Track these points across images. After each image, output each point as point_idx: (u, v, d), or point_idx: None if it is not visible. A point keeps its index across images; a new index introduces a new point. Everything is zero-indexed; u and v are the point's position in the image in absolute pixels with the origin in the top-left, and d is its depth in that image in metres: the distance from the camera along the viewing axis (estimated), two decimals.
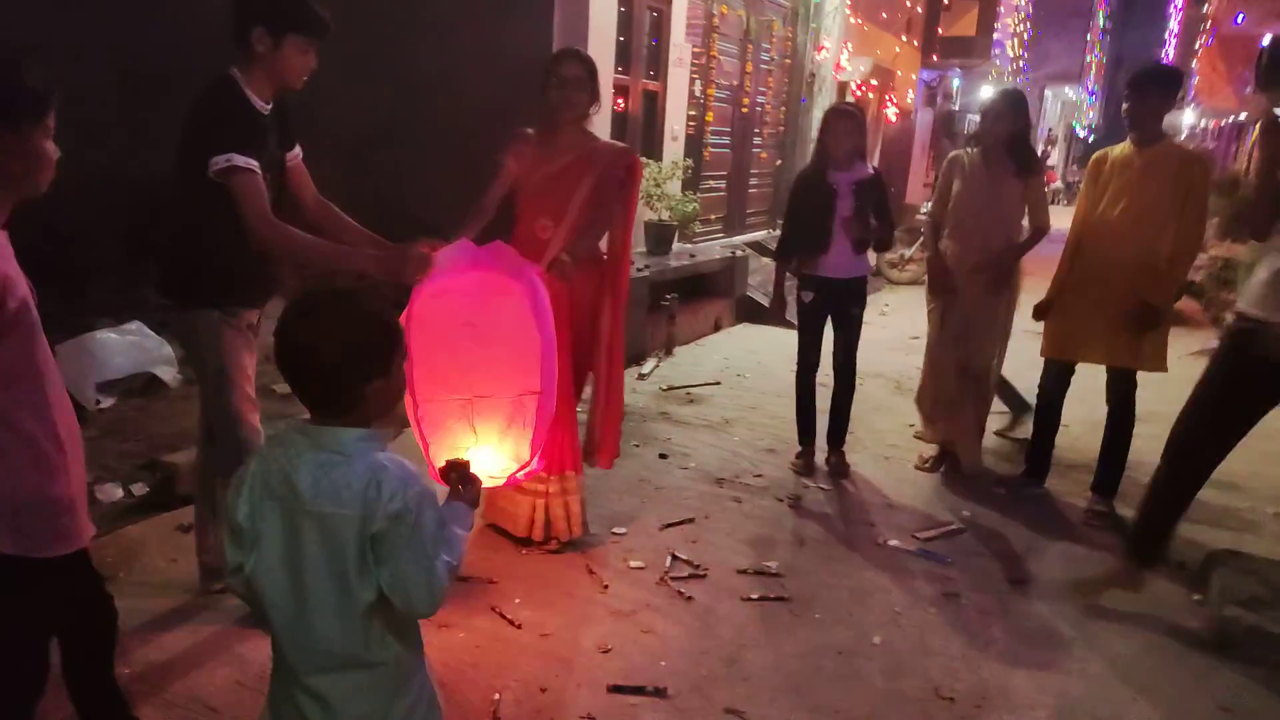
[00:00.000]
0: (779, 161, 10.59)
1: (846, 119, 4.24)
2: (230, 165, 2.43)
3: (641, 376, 6.08)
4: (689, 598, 3.16)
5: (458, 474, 1.75)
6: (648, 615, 3.04)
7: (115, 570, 3.13)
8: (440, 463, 2.72)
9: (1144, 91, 3.73)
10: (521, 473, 2.75)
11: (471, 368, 2.57)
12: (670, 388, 5.86)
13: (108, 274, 5.81)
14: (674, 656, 2.81)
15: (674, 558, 3.45)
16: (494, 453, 2.68)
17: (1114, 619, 3.22)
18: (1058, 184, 25.84)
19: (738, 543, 3.63)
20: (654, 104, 7.66)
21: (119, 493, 3.76)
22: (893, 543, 3.73)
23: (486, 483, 2.80)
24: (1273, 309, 3.05)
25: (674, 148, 7.81)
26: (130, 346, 4.90)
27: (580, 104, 3.24)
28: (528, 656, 2.77)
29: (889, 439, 5.04)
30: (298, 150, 2.86)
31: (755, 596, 3.20)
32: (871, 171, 4.32)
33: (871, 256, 4.72)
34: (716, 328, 7.70)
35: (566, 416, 3.33)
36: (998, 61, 16.63)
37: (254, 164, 2.47)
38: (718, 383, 6.05)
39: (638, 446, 4.72)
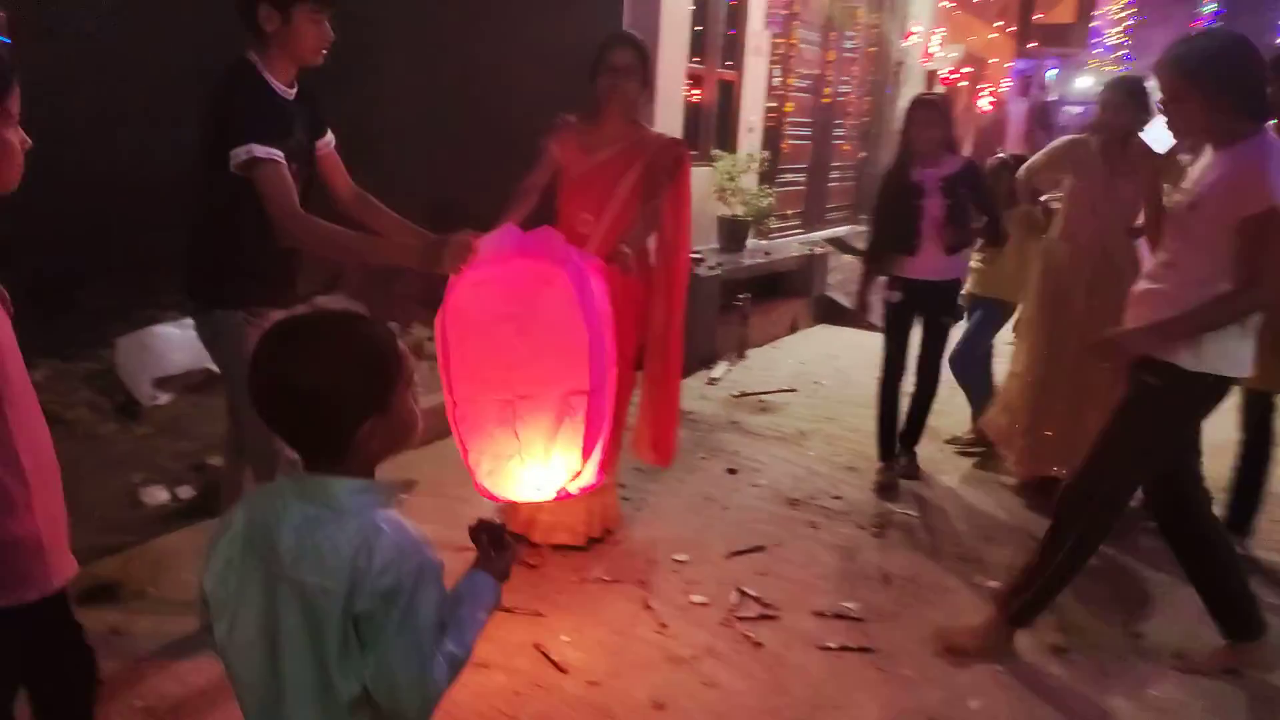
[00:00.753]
0: (863, 154, 10.11)
1: (928, 109, 3.91)
2: (251, 157, 2.23)
3: (711, 381, 5.73)
4: (758, 643, 2.81)
5: (489, 536, 1.44)
6: (710, 664, 2.69)
7: (142, 584, 2.95)
8: (481, 474, 2.47)
9: None
10: (574, 485, 2.44)
11: (513, 365, 2.28)
12: (742, 394, 5.49)
13: (177, 266, 5.77)
14: (739, 716, 2.47)
15: (741, 593, 3.09)
16: (541, 462, 2.37)
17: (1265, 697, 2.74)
18: None
19: (814, 577, 3.26)
20: (730, 94, 7.28)
21: (164, 495, 3.60)
22: (992, 584, 3.29)
23: (534, 497, 2.51)
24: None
25: (750, 139, 7.43)
26: (190, 342, 4.74)
27: (630, 92, 3.03)
28: (571, 709, 2.45)
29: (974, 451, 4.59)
30: (329, 138, 2.63)
31: (834, 645, 2.82)
32: (962, 164, 3.94)
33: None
34: (793, 329, 7.30)
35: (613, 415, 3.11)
36: (1097, 50, 15.74)
37: (276, 154, 2.26)
38: (793, 390, 5.65)
39: (704, 459, 4.38)
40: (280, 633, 1.21)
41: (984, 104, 12.54)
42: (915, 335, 4.11)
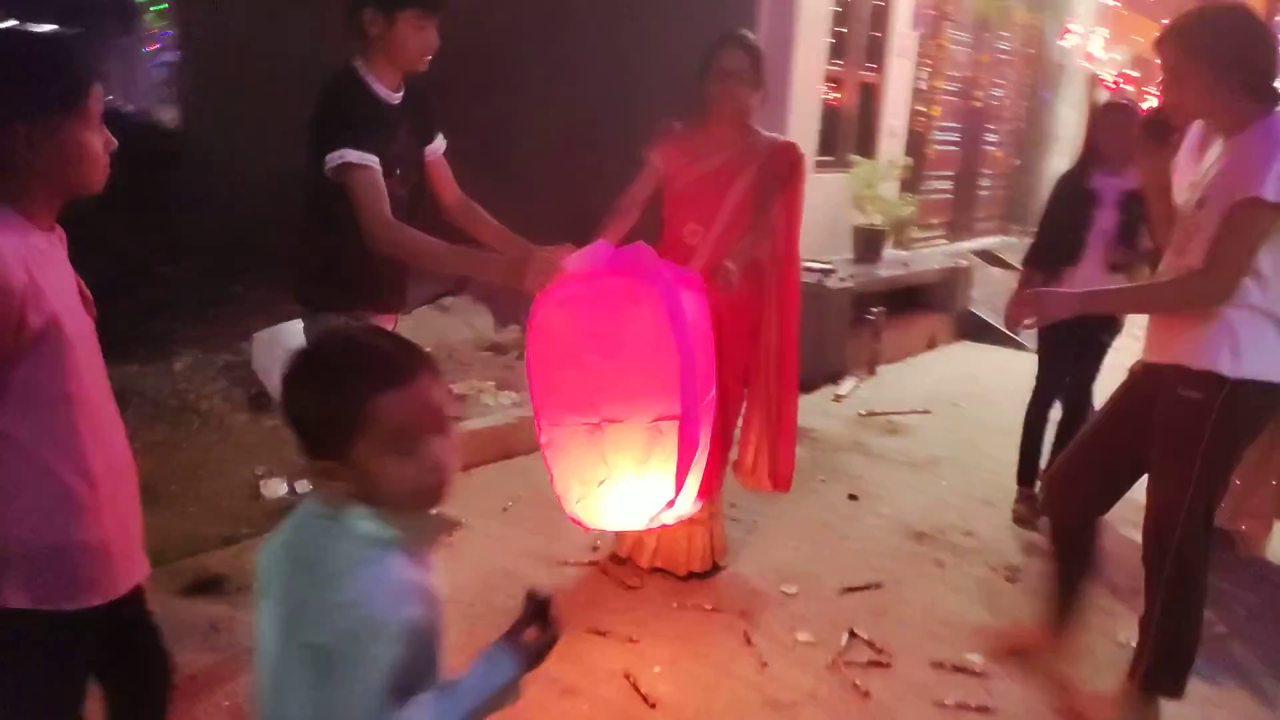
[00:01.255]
0: (1017, 162, 9.54)
1: (1120, 114, 3.66)
2: (344, 162, 2.20)
3: (837, 398, 5.46)
4: (865, 693, 2.58)
5: (533, 610, 1.27)
6: (810, 711, 2.49)
7: (249, 579, 2.97)
8: (570, 500, 2.36)
9: None
10: (670, 514, 2.28)
11: (600, 387, 2.15)
12: (870, 413, 5.20)
13: None
14: None
15: (852, 635, 2.86)
16: (631, 489, 2.23)
17: None
18: None
19: (935, 623, 2.99)
20: (870, 97, 6.97)
21: (283, 489, 3.67)
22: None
23: (626, 526, 2.38)
24: None
25: (892, 145, 7.09)
26: None
27: (741, 97, 2.83)
28: None
29: (1138, 497, 4.16)
30: (439, 143, 2.58)
31: (950, 703, 2.57)
32: None
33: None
34: (930, 346, 6.91)
35: (712, 441, 2.91)
36: None
37: (370, 159, 2.22)
38: (927, 411, 5.32)
39: (823, 481, 4.15)
40: (266, 651, 1.18)
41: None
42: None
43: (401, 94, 2.39)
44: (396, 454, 1.14)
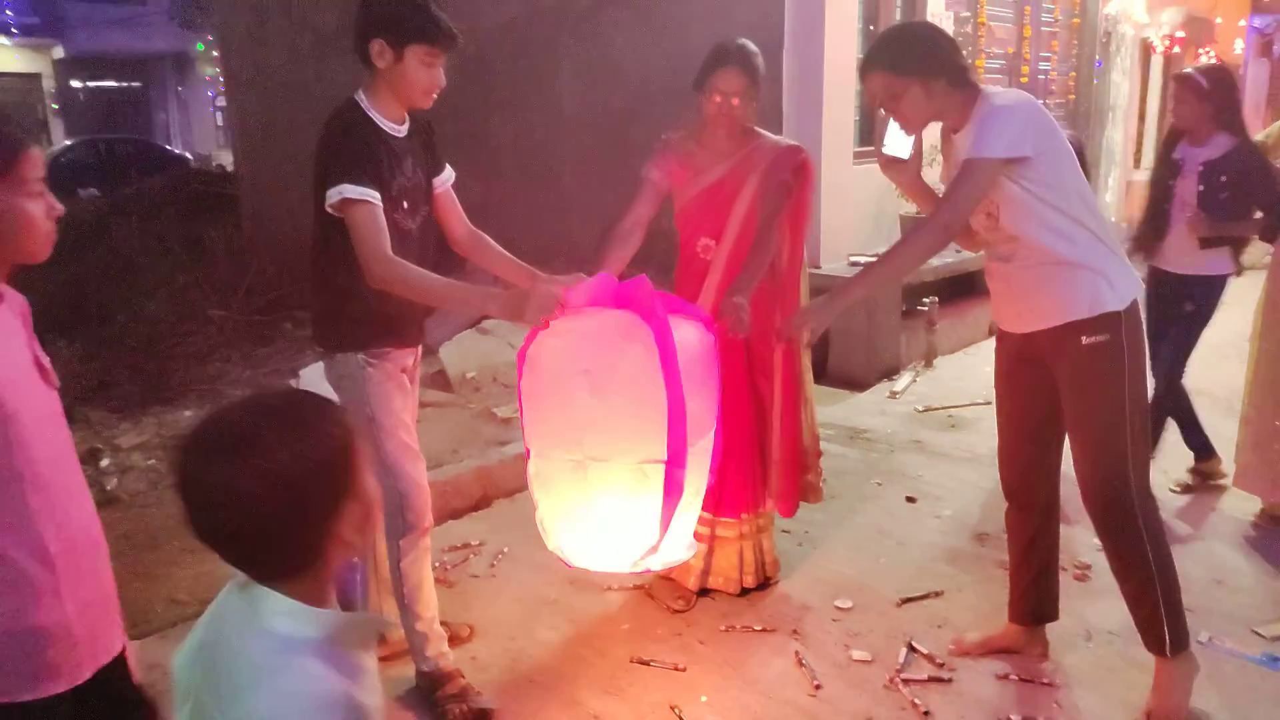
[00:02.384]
0: (1069, 134, 9.17)
1: (1181, 84, 3.66)
2: (342, 198, 2.17)
3: (893, 395, 5.29)
4: (926, 712, 2.45)
5: None
6: None
7: None
8: (553, 536, 2.25)
9: None
10: (654, 560, 2.20)
11: (586, 425, 2.07)
12: (927, 409, 5.02)
13: None
14: None
15: (910, 649, 2.73)
16: (615, 531, 2.15)
17: None
18: None
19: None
20: None
21: None
22: (1220, 642, 2.76)
23: (608, 569, 2.29)
24: None
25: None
26: None
27: (738, 113, 2.71)
28: None
29: (1217, 483, 3.93)
30: (447, 175, 2.55)
31: (1018, 718, 2.42)
32: (1230, 146, 3.57)
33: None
34: (991, 333, 6.65)
35: (747, 451, 2.90)
36: None
37: (369, 194, 2.19)
38: (988, 403, 5.06)
39: (879, 485, 4.00)
40: None
41: None
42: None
43: (406, 126, 2.36)
44: (354, 499, 1.07)
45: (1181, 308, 3.67)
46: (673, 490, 2.07)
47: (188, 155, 19.19)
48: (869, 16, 6.22)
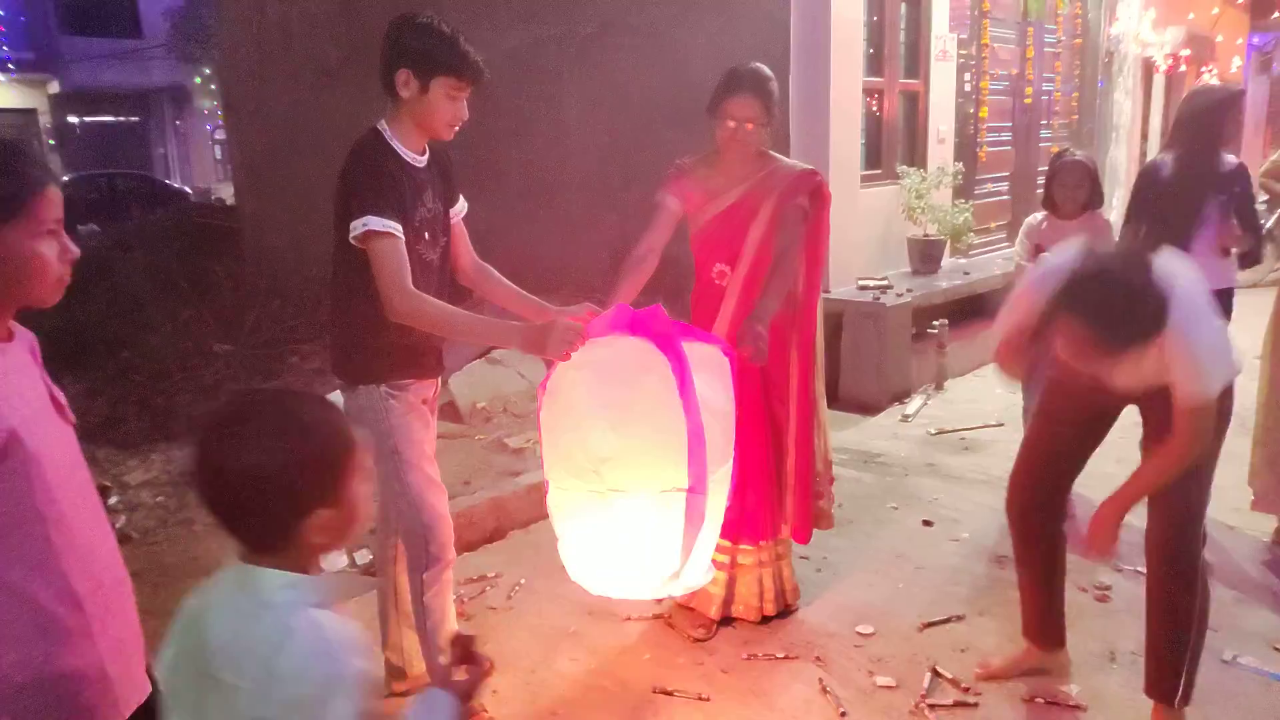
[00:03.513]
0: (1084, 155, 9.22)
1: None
2: (367, 230, 2.16)
3: (905, 418, 5.26)
4: None
5: (460, 651, 1.36)
6: None
7: None
8: (574, 566, 2.24)
9: None
10: (676, 586, 2.19)
11: (606, 458, 2.06)
12: (940, 431, 5.00)
13: None
14: None
15: (935, 674, 2.69)
16: (636, 559, 2.14)
17: None
18: None
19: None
20: (914, 105, 6.80)
21: (343, 560, 3.63)
22: (1244, 660, 2.73)
23: (629, 596, 2.29)
24: None
25: (941, 151, 6.90)
26: None
27: (751, 139, 2.70)
28: None
29: (1230, 499, 3.89)
30: (461, 206, 2.54)
31: None
32: (1236, 164, 3.68)
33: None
34: None
35: (765, 477, 2.87)
36: None
37: (393, 226, 2.18)
38: (1000, 424, 5.07)
39: (895, 509, 3.97)
40: None
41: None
42: None
43: (426, 156, 2.36)
44: (333, 506, 1.17)
45: None
46: (694, 517, 2.06)
47: (187, 189, 19.30)
48: (874, 40, 6.27)
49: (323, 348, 6.72)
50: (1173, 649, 2.31)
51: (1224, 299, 3.60)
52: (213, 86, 19.29)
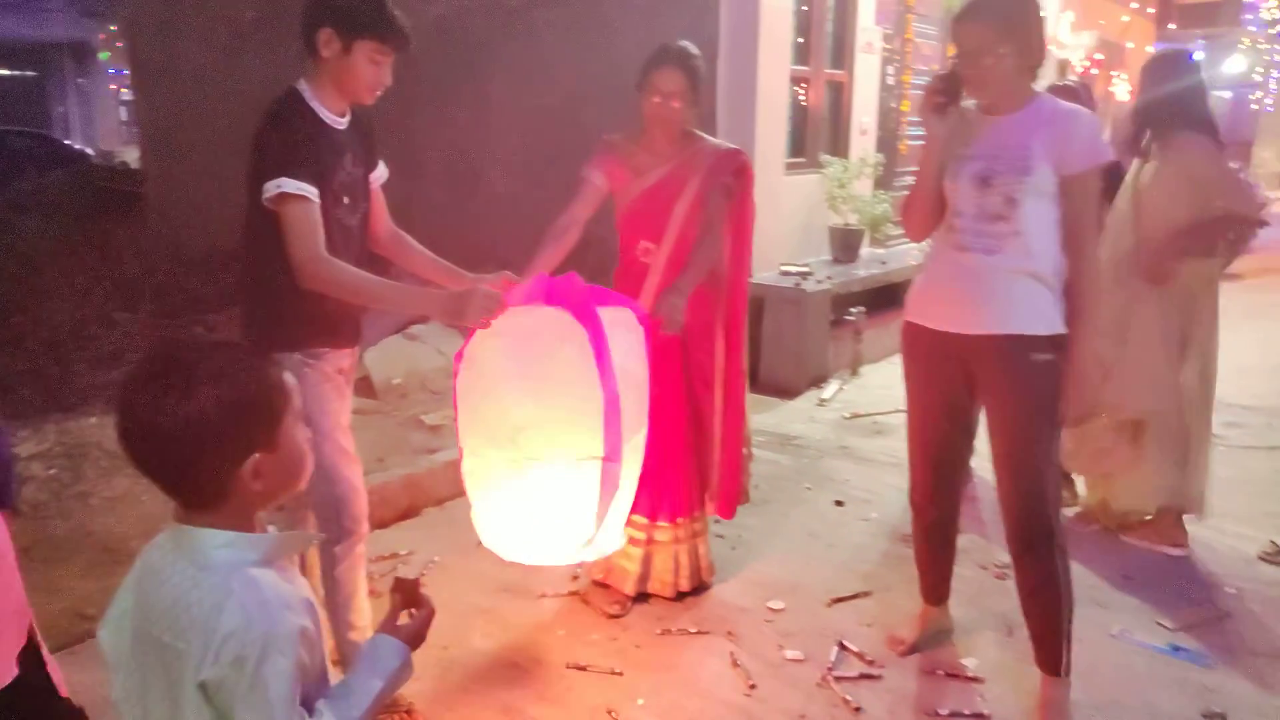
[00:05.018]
0: None
1: (1061, 95, 3.54)
2: (280, 192, 2.09)
3: (822, 402, 5.37)
4: (856, 708, 2.48)
5: (403, 595, 1.36)
6: None
7: None
8: (488, 532, 2.22)
9: None
10: (592, 552, 2.21)
11: (522, 425, 2.07)
12: (854, 415, 5.11)
13: None
14: None
15: (841, 648, 2.77)
16: (551, 526, 2.15)
17: None
18: None
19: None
20: (839, 96, 6.91)
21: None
22: (1129, 634, 2.87)
23: (544, 562, 2.31)
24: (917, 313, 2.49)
25: (863, 142, 7.02)
26: None
27: (677, 114, 2.71)
28: None
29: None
30: (382, 171, 2.47)
31: (944, 712, 2.47)
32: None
33: None
34: None
35: (684, 456, 2.90)
36: (1251, 28, 14.45)
37: (308, 190, 2.11)
38: None
39: (809, 489, 4.05)
40: (150, 699, 1.16)
41: (1120, 92, 11.62)
42: None
43: (347, 119, 2.29)
44: (268, 451, 1.16)
45: None
46: (609, 485, 2.09)
47: (89, 151, 18.35)
48: (802, 28, 6.33)
49: (230, 317, 6.51)
50: (1050, 626, 2.40)
51: None
52: (119, 44, 18.34)
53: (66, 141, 19.28)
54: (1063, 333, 2.29)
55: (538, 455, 2.06)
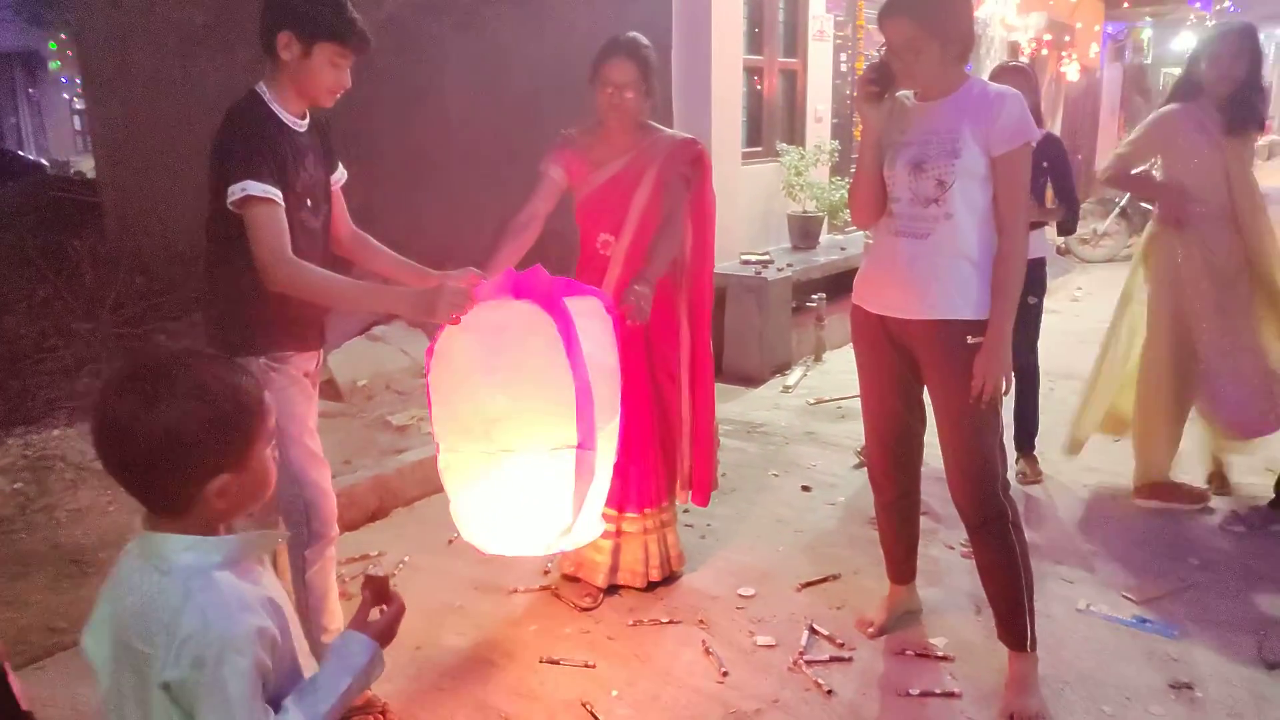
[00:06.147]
0: None
1: (1010, 76, 3.63)
2: (245, 195, 2.08)
3: (786, 389, 5.42)
4: (829, 691, 2.52)
5: (373, 592, 1.37)
6: (775, 716, 2.43)
7: None
8: (466, 526, 2.25)
9: None
10: (567, 540, 2.25)
11: (496, 418, 2.09)
12: (818, 401, 5.17)
13: None
14: None
15: (812, 632, 2.81)
16: (528, 516, 2.18)
17: None
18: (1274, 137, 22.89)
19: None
20: (793, 84, 6.95)
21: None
22: (1096, 608, 2.94)
23: (522, 552, 2.34)
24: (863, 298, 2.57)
25: (818, 130, 7.08)
26: None
27: (630, 105, 2.73)
28: None
29: (1088, 460, 4.17)
30: (341, 174, 2.47)
31: (915, 691, 2.52)
32: (1043, 137, 3.61)
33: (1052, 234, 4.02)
34: None
35: (649, 447, 2.93)
36: (1197, 5, 14.68)
37: (273, 192, 2.11)
38: None
39: (776, 476, 4.10)
40: (124, 704, 1.19)
41: (1071, 73, 11.77)
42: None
43: (307, 121, 2.29)
44: (235, 472, 1.19)
45: (1024, 294, 3.73)
46: (584, 473, 2.12)
47: (43, 161, 18.00)
48: (754, 17, 6.37)
49: (190, 325, 6.44)
50: (1011, 602, 2.45)
51: (1032, 269, 3.67)
52: (69, 53, 17.98)
53: (20, 153, 18.88)
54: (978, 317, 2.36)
55: (512, 447, 2.09)
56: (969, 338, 2.34)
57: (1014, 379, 3.75)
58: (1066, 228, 3.96)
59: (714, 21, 5.65)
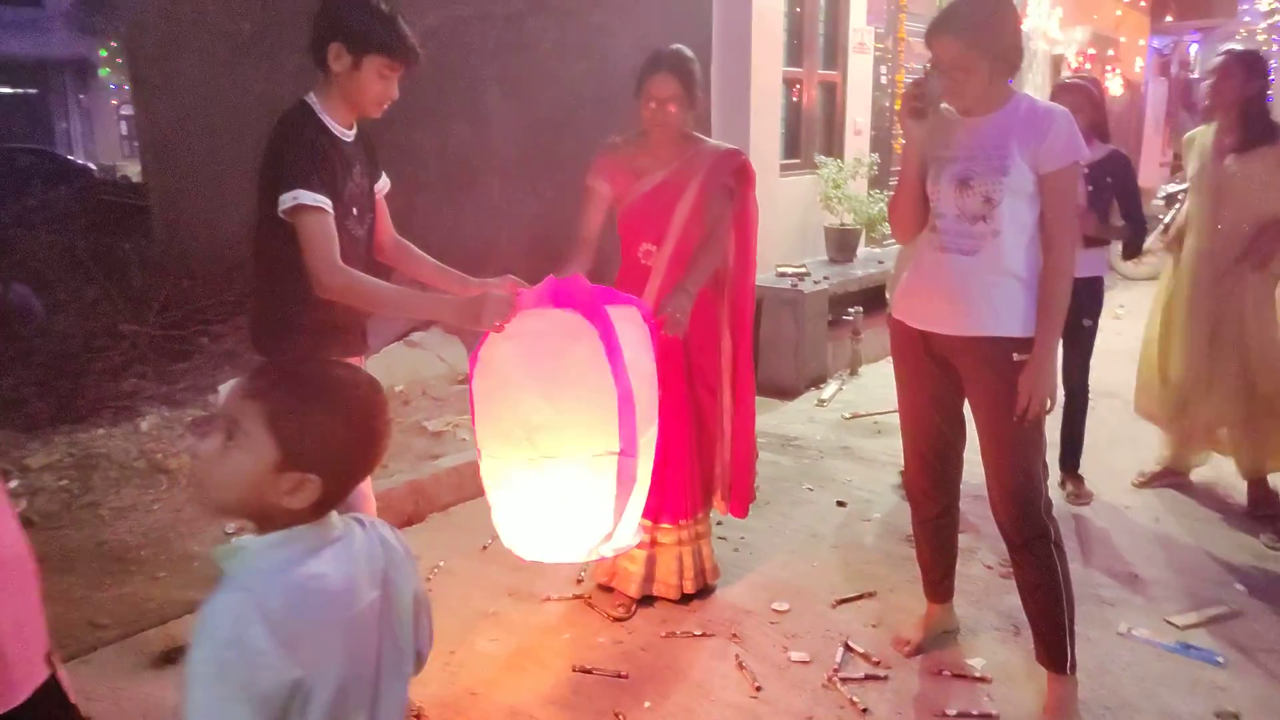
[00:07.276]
0: None
1: (1069, 93, 3.66)
2: (297, 204, 2.11)
3: (821, 403, 5.39)
4: (863, 709, 2.50)
5: None
6: None
7: None
8: (507, 532, 2.25)
9: None
10: (607, 547, 2.25)
11: (538, 426, 2.10)
12: (854, 415, 5.13)
13: None
14: None
15: (847, 649, 2.78)
16: (569, 523, 2.19)
17: None
18: None
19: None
20: (832, 96, 6.94)
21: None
22: (1139, 632, 2.89)
23: (563, 559, 2.35)
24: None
25: (857, 142, 7.05)
26: None
27: (674, 119, 2.75)
28: None
29: (1123, 481, 4.11)
30: (385, 183, 2.50)
31: (952, 713, 2.49)
32: (1109, 152, 3.70)
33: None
34: None
35: (686, 458, 2.93)
36: (1247, 19, 14.44)
37: (323, 201, 2.14)
38: None
39: (811, 490, 4.07)
40: None
41: (1114, 87, 11.62)
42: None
43: (354, 131, 2.32)
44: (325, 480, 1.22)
45: (1079, 314, 3.61)
46: (625, 479, 2.13)
47: (92, 166, 18.42)
48: (794, 29, 6.36)
49: (233, 329, 6.55)
50: (1052, 623, 2.42)
51: (1089, 287, 3.64)
52: (119, 60, 18.38)
53: (70, 157, 19.34)
54: (1025, 335, 2.34)
55: (554, 453, 2.10)
56: (1015, 355, 2.32)
57: (1064, 399, 3.75)
58: (1132, 249, 3.82)
59: (754, 33, 5.65)
